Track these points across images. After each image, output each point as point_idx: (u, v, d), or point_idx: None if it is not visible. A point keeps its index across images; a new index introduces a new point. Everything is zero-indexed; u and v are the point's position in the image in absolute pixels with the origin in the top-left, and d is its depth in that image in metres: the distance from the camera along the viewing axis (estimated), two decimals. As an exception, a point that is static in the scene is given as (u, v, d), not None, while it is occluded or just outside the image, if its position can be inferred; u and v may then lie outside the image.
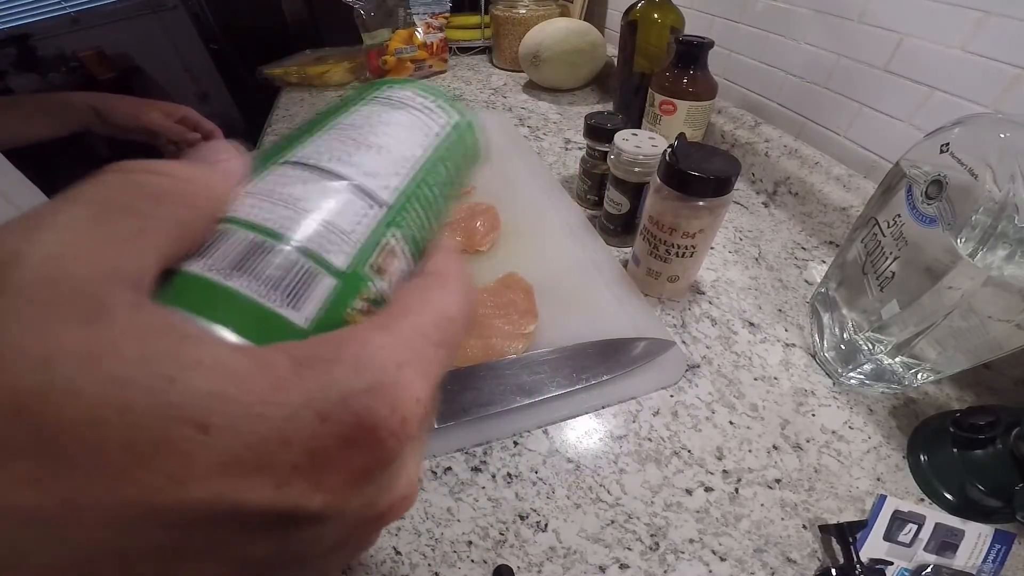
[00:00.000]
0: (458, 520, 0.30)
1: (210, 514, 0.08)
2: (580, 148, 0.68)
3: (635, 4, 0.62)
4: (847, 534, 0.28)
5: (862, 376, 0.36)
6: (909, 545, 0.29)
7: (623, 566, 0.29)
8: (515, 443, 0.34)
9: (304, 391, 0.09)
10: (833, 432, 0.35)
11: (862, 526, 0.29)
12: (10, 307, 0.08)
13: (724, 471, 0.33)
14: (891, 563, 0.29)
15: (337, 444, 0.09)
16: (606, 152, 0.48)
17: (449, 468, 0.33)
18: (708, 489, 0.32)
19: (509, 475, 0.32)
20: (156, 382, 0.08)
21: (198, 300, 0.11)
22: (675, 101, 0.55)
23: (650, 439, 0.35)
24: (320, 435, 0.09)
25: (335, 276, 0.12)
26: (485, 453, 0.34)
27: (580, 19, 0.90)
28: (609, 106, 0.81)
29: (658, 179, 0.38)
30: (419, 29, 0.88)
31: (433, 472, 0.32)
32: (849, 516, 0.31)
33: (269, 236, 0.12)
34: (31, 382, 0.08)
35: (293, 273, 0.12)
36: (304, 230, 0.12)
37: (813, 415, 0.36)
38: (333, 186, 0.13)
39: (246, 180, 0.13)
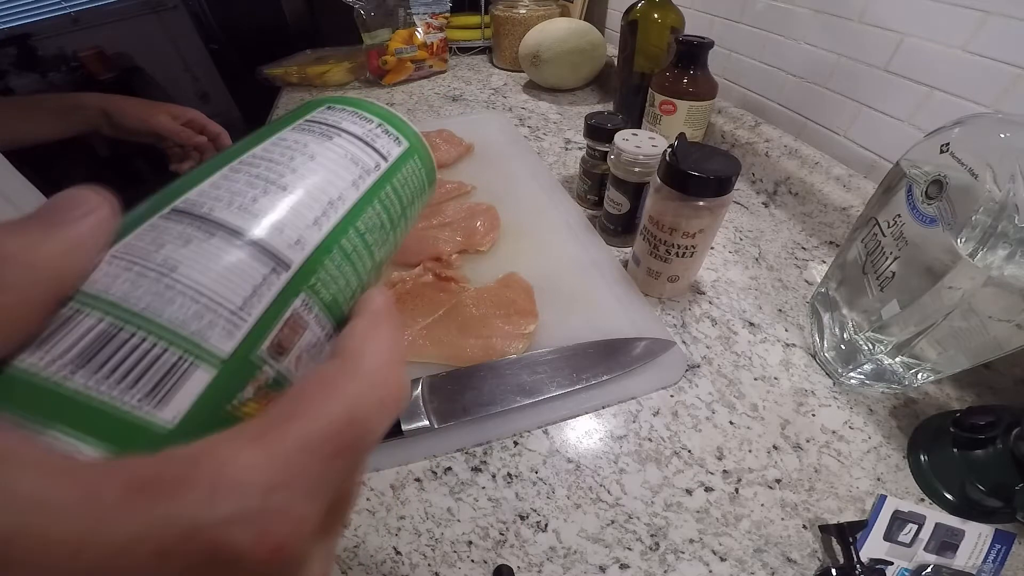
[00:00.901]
0: (458, 520, 0.30)
1: None
2: (580, 148, 0.68)
3: (635, 4, 0.62)
4: (847, 534, 0.28)
5: (862, 376, 0.36)
6: (909, 545, 0.29)
7: (623, 566, 0.29)
8: (515, 443, 0.34)
9: (137, 524, 0.08)
10: (833, 432, 0.35)
11: (862, 526, 0.29)
12: None
13: (724, 471, 0.33)
14: (891, 563, 0.29)
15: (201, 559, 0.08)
16: (606, 152, 0.48)
17: (449, 468, 0.33)
18: (708, 489, 0.32)
19: (509, 475, 0.32)
20: None
21: (31, 403, 0.09)
22: (675, 101, 0.55)
23: (650, 439, 0.35)
24: (159, 575, 0.08)
25: (213, 365, 0.10)
26: (485, 453, 0.34)
27: (580, 19, 0.90)
28: (609, 106, 0.81)
29: (658, 179, 0.38)
30: (419, 29, 0.88)
31: (433, 472, 0.32)
32: (849, 516, 0.31)
33: (128, 319, 0.10)
34: None
35: (156, 366, 0.09)
36: (175, 309, 0.10)
37: (813, 415, 0.36)
38: (222, 247, 0.11)
39: (115, 237, 0.11)
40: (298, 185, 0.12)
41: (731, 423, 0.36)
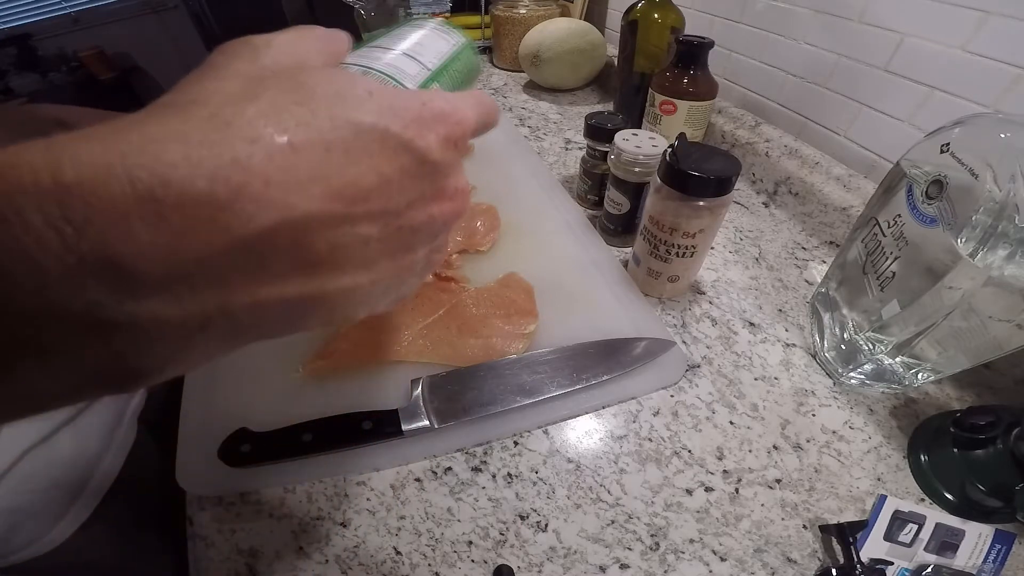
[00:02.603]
0: (458, 520, 0.30)
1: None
2: (580, 148, 0.68)
3: (635, 4, 0.62)
4: (847, 534, 0.28)
5: (862, 376, 0.36)
6: (909, 545, 0.29)
7: (623, 566, 0.29)
8: (515, 443, 0.34)
9: (416, 96, 0.16)
10: (833, 432, 0.35)
11: (862, 526, 0.29)
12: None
13: (724, 471, 0.33)
14: (891, 563, 0.29)
15: (432, 117, 0.16)
16: (606, 152, 0.48)
17: (449, 468, 0.33)
18: (708, 489, 0.32)
19: (509, 475, 0.32)
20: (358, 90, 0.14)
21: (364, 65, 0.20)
22: (675, 101, 0.55)
23: (650, 439, 0.35)
24: (422, 112, 0.15)
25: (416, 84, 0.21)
26: (485, 453, 0.34)
27: (580, 19, 0.90)
28: (609, 106, 0.81)
29: (658, 179, 0.38)
30: (419, 29, 0.88)
31: (433, 472, 0.32)
32: (849, 516, 0.31)
33: (370, 71, 0.20)
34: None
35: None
36: (391, 67, 0.21)
37: (813, 415, 0.36)
38: (401, 56, 0.22)
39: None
40: (424, 44, 0.24)
41: (731, 423, 0.36)
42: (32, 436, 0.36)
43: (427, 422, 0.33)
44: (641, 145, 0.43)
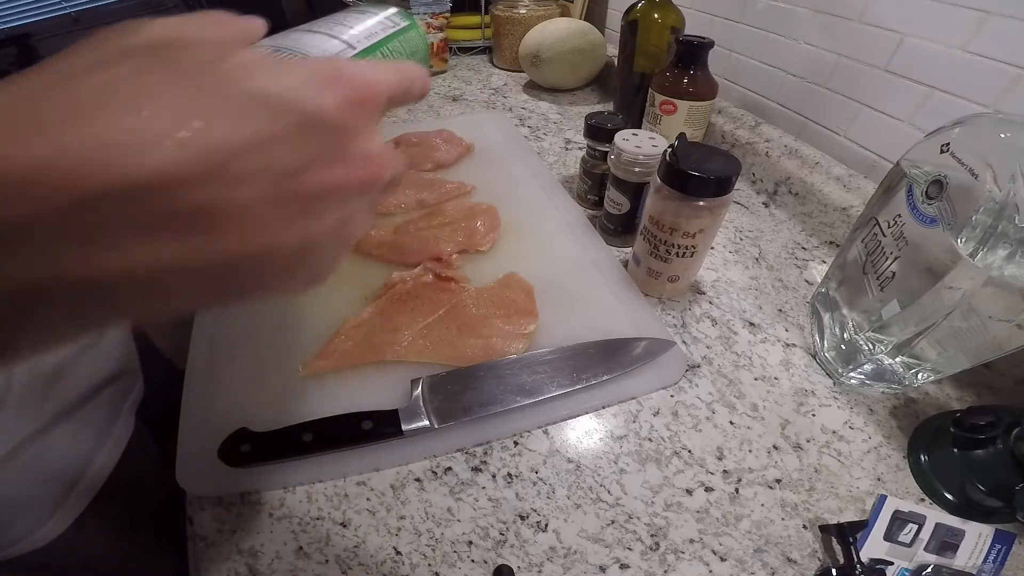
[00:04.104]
0: (458, 520, 0.30)
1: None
2: (580, 148, 0.68)
3: (635, 4, 0.62)
4: (847, 534, 0.28)
5: (862, 376, 0.36)
6: (909, 545, 0.29)
7: (623, 566, 0.29)
8: (515, 443, 0.34)
9: (310, 62, 0.16)
10: (833, 432, 0.35)
11: (862, 526, 0.29)
12: None
13: (724, 471, 0.33)
14: (891, 563, 0.29)
15: (327, 79, 0.15)
16: (606, 152, 0.48)
17: (449, 468, 0.33)
18: (708, 489, 0.32)
19: (509, 475, 0.32)
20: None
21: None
22: (675, 101, 0.55)
23: (650, 439, 0.35)
24: (315, 75, 0.15)
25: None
26: (485, 453, 0.34)
27: (580, 19, 0.90)
28: (609, 106, 0.81)
29: (658, 179, 0.38)
30: (419, 29, 0.88)
31: (433, 472, 0.32)
32: (849, 516, 0.31)
33: (280, 48, 0.20)
34: None
35: None
36: (303, 44, 0.22)
37: (813, 415, 0.36)
38: (318, 36, 0.23)
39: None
40: (353, 26, 0.25)
41: (731, 423, 0.36)
42: (28, 427, 0.36)
43: (427, 422, 0.33)
44: (641, 145, 0.43)
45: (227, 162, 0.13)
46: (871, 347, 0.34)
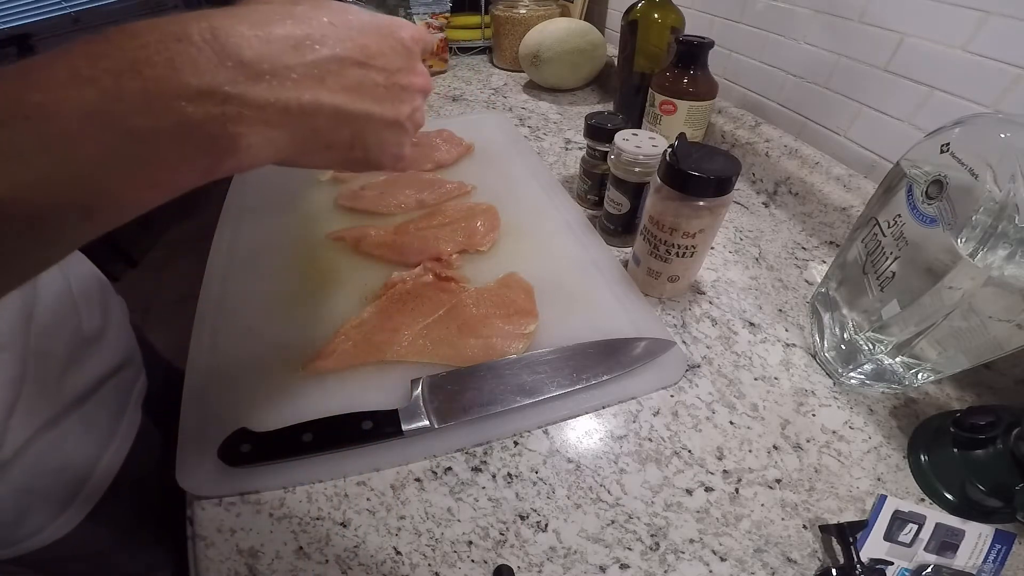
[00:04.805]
0: (458, 520, 0.30)
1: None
2: (580, 148, 0.68)
3: (635, 4, 0.62)
4: (847, 534, 0.28)
5: (862, 376, 0.36)
6: (909, 545, 0.29)
7: (623, 566, 0.29)
8: (515, 443, 0.34)
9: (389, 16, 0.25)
10: (833, 432, 0.35)
11: (862, 526, 0.29)
12: None
13: (724, 471, 0.33)
14: (891, 563, 0.29)
15: (402, 23, 0.24)
16: (606, 152, 0.48)
17: (449, 468, 0.33)
18: (708, 489, 0.32)
19: (509, 475, 0.32)
20: None
21: None
22: (675, 101, 0.55)
23: (650, 439, 0.35)
24: (397, 19, 0.24)
25: None
26: (485, 453, 0.34)
27: (580, 19, 0.90)
28: (609, 106, 0.81)
29: (658, 179, 0.38)
30: (419, 29, 0.88)
31: (433, 472, 0.32)
32: (849, 516, 0.31)
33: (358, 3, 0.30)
34: None
35: None
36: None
37: (813, 415, 0.36)
38: None
39: None
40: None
41: (731, 423, 0.36)
42: (42, 419, 0.36)
43: (427, 422, 0.33)
44: (641, 145, 0.43)
45: (369, 58, 0.22)
46: (871, 347, 0.34)
